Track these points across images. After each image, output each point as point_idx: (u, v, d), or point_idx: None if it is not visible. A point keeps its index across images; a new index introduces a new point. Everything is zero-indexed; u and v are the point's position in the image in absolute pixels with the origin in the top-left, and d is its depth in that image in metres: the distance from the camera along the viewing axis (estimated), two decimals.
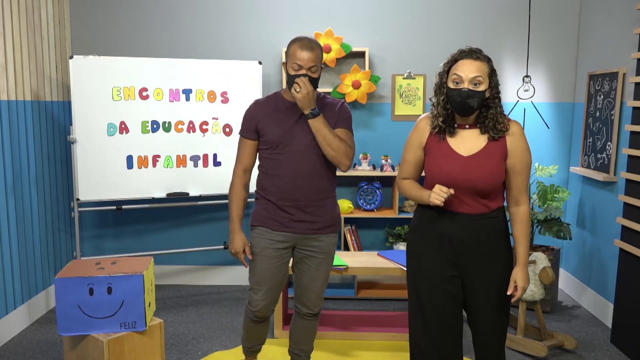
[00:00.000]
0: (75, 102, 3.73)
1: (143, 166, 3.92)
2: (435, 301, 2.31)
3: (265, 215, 2.64)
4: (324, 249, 2.66)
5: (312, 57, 2.47)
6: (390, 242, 4.42)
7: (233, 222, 2.64)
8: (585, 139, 4.19)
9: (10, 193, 3.60)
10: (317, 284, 2.70)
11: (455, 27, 4.39)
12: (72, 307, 2.55)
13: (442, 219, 2.27)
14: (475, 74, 2.15)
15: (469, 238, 2.25)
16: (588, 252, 4.15)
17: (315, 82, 2.51)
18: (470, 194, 2.22)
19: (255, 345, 2.90)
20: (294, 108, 2.58)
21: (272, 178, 2.59)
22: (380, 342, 3.56)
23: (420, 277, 2.34)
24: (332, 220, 2.68)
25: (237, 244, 2.63)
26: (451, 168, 2.21)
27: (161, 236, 4.62)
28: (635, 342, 3.31)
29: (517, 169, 2.22)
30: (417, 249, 2.36)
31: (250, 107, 2.67)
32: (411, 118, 4.47)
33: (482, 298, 2.30)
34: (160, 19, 4.42)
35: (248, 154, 2.65)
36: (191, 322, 3.89)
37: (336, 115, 2.60)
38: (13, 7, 3.62)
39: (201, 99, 4.00)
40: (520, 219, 2.27)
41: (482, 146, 2.21)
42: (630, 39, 3.58)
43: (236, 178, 2.67)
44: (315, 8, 4.40)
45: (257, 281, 2.66)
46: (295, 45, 2.48)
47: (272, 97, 2.67)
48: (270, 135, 2.57)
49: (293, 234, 2.62)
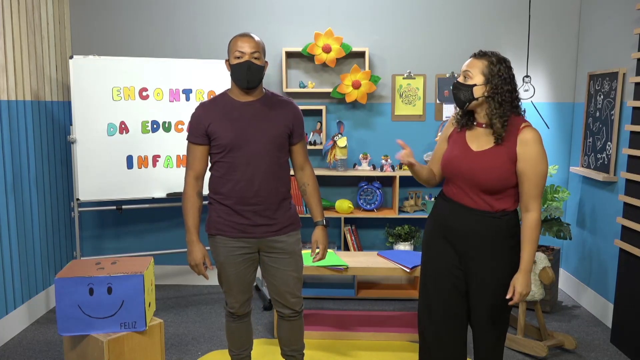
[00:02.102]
0: (75, 102, 3.73)
1: (143, 166, 3.92)
2: (440, 290, 2.39)
3: (221, 222, 2.56)
4: (286, 248, 2.61)
5: (253, 44, 2.44)
6: (390, 242, 4.42)
7: (190, 233, 2.53)
8: (585, 139, 4.19)
9: (10, 193, 3.61)
10: (290, 283, 2.65)
11: (455, 27, 4.39)
12: (72, 307, 2.55)
13: (450, 208, 2.38)
14: (465, 68, 2.27)
15: (471, 232, 2.31)
16: (588, 252, 4.15)
17: (261, 71, 2.47)
18: (472, 188, 2.30)
19: (242, 351, 2.82)
20: (245, 108, 2.51)
21: (228, 182, 2.51)
22: (380, 342, 3.56)
23: (428, 266, 2.44)
24: (290, 219, 2.63)
25: (196, 256, 2.54)
26: (460, 160, 2.32)
27: (161, 236, 4.62)
28: (635, 342, 3.31)
29: (526, 174, 2.21)
30: (427, 238, 2.48)
31: (196, 111, 2.56)
32: (411, 118, 4.47)
33: (480, 295, 2.35)
34: (160, 19, 4.42)
35: (199, 160, 2.55)
36: (191, 322, 3.89)
37: (292, 119, 2.57)
38: (13, 7, 3.62)
39: (201, 99, 4.00)
40: (528, 226, 2.25)
41: (492, 145, 2.28)
42: (630, 39, 3.58)
43: (189, 186, 2.55)
44: (315, 8, 4.40)
45: (227, 287, 2.64)
46: (234, 38, 2.49)
47: (219, 99, 2.57)
48: (223, 138, 2.47)
49: (253, 239, 2.57)
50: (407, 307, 4.16)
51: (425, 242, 2.49)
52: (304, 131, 2.66)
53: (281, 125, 2.54)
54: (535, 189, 2.22)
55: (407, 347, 3.51)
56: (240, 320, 2.75)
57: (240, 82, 2.48)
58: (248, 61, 2.43)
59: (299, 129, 2.62)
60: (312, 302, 4.17)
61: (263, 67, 2.49)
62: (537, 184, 2.21)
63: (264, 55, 2.52)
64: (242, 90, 2.52)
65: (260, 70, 2.47)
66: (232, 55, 2.47)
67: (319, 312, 3.98)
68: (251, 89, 2.51)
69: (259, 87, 2.56)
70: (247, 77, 2.45)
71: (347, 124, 4.49)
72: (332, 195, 4.57)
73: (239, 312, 2.70)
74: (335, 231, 4.57)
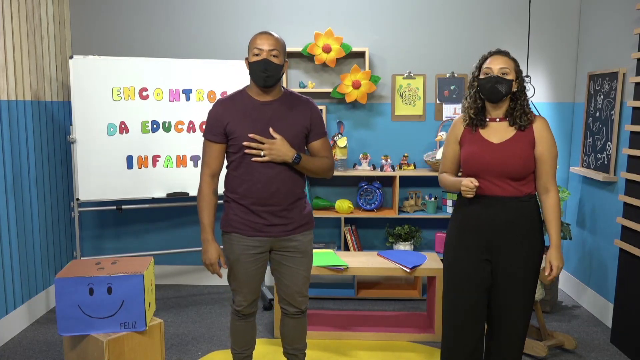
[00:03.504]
0: (75, 102, 3.73)
1: (143, 166, 3.92)
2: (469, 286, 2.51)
3: (237, 220, 2.56)
4: (300, 247, 2.61)
5: (271, 42, 2.43)
6: (390, 242, 4.42)
7: (205, 232, 2.54)
8: (585, 139, 4.19)
9: (10, 193, 3.60)
10: (299, 283, 2.66)
11: (455, 27, 4.39)
12: (72, 307, 2.55)
13: (478, 203, 2.48)
14: (502, 65, 2.43)
15: (504, 220, 2.45)
16: (588, 252, 4.15)
17: (279, 70, 2.45)
18: (502, 178, 2.44)
19: (244, 350, 2.82)
20: (264, 108, 2.50)
21: (245, 182, 2.51)
22: (380, 342, 3.56)
23: (453, 263, 2.56)
24: (305, 219, 2.63)
25: (211, 255, 2.55)
26: (484, 153, 2.45)
27: (161, 236, 4.62)
28: (635, 342, 3.31)
29: (544, 157, 2.44)
30: (453, 234, 2.58)
31: (215, 107, 2.54)
32: (411, 118, 4.47)
33: (512, 278, 2.48)
34: (160, 19, 4.42)
35: (216, 158, 2.54)
36: (191, 322, 3.89)
37: (310, 118, 2.56)
38: (13, 7, 3.62)
39: (201, 99, 4.00)
40: (552, 204, 2.47)
41: (511, 135, 2.46)
42: (630, 39, 3.58)
43: (204, 184, 2.55)
44: (315, 8, 4.40)
45: (237, 285, 2.64)
46: (254, 35, 2.48)
47: (238, 96, 2.55)
48: (241, 138, 2.46)
49: (267, 238, 2.57)
50: (407, 307, 4.16)
51: (451, 244, 2.58)
52: (324, 128, 2.63)
53: (299, 125, 2.54)
54: (552, 170, 2.46)
55: (407, 347, 3.51)
56: (246, 320, 2.74)
57: (258, 81, 2.47)
58: (265, 59, 2.42)
59: (317, 127, 2.60)
60: (312, 302, 4.17)
61: (281, 65, 2.46)
62: (553, 165, 2.46)
63: (284, 54, 2.50)
64: (260, 88, 2.50)
65: (278, 69, 2.45)
66: (250, 53, 2.46)
67: (319, 312, 3.98)
68: (268, 87, 2.49)
69: (277, 86, 2.54)
70: (265, 75, 2.43)
71: (347, 124, 4.49)
72: (332, 195, 4.57)
73: (246, 312, 2.70)
74: (335, 231, 4.57)
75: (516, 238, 2.46)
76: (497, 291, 2.52)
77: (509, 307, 2.51)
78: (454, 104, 4.44)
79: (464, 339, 2.56)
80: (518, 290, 2.49)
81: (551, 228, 2.48)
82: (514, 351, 2.57)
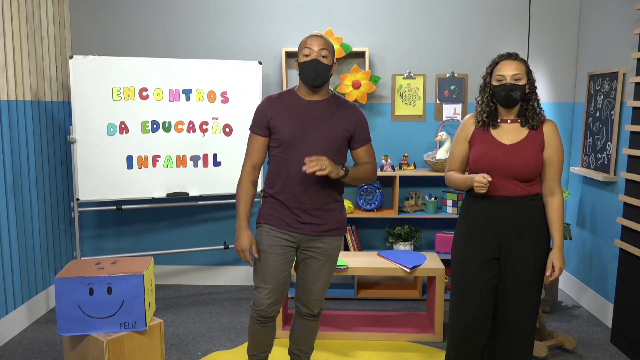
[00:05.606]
0: (75, 102, 3.73)
1: (143, 166, 3.92)
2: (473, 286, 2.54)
3: (272, 213, 2.60)
4: (326, 251, 2.62)
5: (321, 42, 2.47)
6: (390, 242, 4.42)
7: (240, 219, 2.58)
8: (585, 139, 4.19)
9: (10, 193, 3.60)
10: (318, 285, 2.67)
11: (455, 27, 4.39)
12: (72, 307, 2.55)
13: (487, 202, 2.53)
14: (515, 71, 2.47)
15: (512, 218, 2.50)
16: (588, 252, 4.15)
17: (328, 70, 2.49)
18: (511, 178, 2.49)
19: (261, 353, 2.82)
20: (309, 107, 2.54)
21: (281, 178, 2.55)
22: (380, 342, 3.56)
23: (462, 263, 2.59)
24: (338, 223, 2.64)
25: (243, 242, 2.57)
26: (495, 154, 2.50)
27: (161, 236, 4.62)
28: (635, 342, 3.31)
29: (552, 160, 2.51)
30: (463, 234, 2.61)
31: (262, 102, 2.60)
32: (411, 118, 4.47)
33: (519, 275, 2.52)
34: (160, 19, 4.42)
35: (258, 151, 2.59)
36: (191, 322, 3.89)
37: (354, 124, 2.58)
38: (13, 7, 3.62)
39: (201, 99, 4.00)
40: (556, 207, 2.52)
41: (523, 137, 2.51)
42: (630, 39, 3.58)
43: (244, 174, 2.60)
44: (315, 8, 4.40)
45: (262, 279, 2.61)
46: (305, 38, 2.52)
47: (286, 94, 2.60)
48: (282, 133, 2.51)
49: (298, 235, 2.59)
50: (407, 307, 4.16)
51: (460, 243, 2.62)
52: (368, 134, 2.65)
53: (342, 128, 2.55)
54: (558, 174, 2.53)
55: (407, 347, 3.51)
56: (265, 324, 2.71)
57: (307, 80, 2.49)
58: (315, 59, 2.45)
59: (361, 134, 2.62)
60: None
61: (330, 66, 2.50)
62: (560, 169, 2.53)
63: (333, 56, 2.53)
64: (309, 88, 2.53)
65: (327, 69, 2.48)
66: (300, 54, 2.50)
67: None
68: (317, 87, 2.52)
69: (325, 86, 2.57)
70: (314, 75, 2.46)
71: None
72: None
73: (266, 314, 2.65)
74: None
75: (524, 236, 2.51)
76: (504, 290, 2.55)
77: (517, 306, 2.54)
78: (454, 104, 4.44)
79: (472, 338, 2.58)
80: (526, 289, 2.52)
81: (554, 230, 2.52)
82: (524, 352, 2.59)
